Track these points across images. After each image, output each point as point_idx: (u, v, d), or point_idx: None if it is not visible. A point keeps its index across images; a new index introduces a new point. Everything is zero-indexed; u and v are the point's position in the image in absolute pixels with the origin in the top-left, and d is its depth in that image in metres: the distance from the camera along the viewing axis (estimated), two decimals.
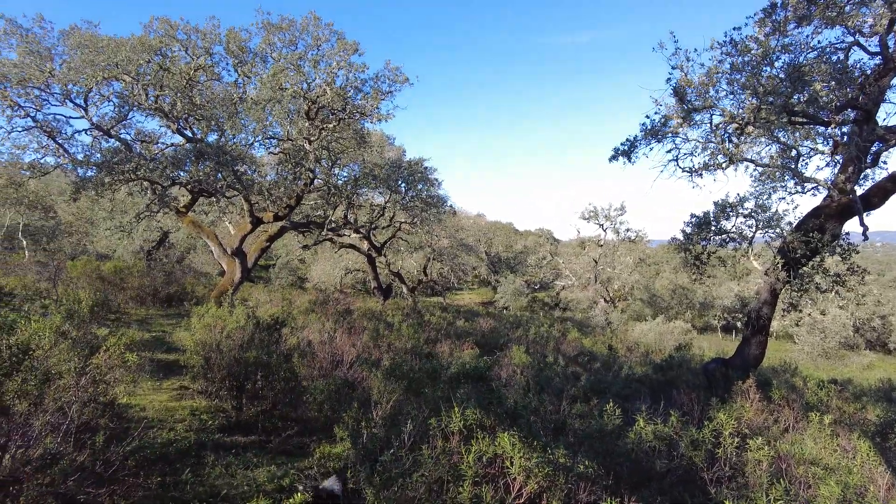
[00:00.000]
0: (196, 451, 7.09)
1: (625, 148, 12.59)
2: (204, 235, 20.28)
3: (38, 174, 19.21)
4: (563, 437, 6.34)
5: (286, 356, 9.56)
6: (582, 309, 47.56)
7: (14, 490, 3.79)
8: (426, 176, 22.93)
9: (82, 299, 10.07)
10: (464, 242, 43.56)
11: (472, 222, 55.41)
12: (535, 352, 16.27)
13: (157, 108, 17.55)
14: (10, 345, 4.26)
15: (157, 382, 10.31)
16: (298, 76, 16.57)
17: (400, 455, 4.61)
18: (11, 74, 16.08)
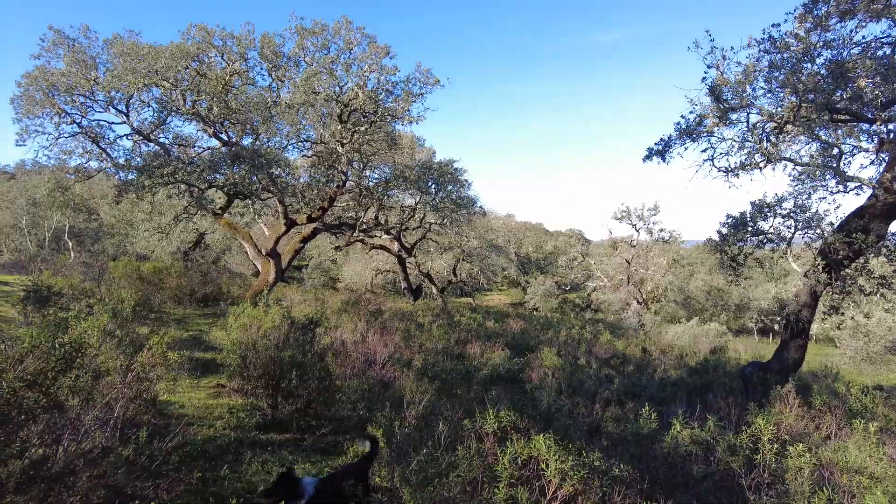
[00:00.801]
0: (235, 448, 7.27)
1: (659, 148, 12.40)
2: (239, 237, 20.74)
3: (83, 178, 19.99)
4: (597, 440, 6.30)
5: (320, 355, 9.70)
6: (614, 311, 46.90)
7: (69, 481, 3.98)
8: (456, 177, 23.00)
9: (125, 299, 10.42)
10: (493, 243, 43.50)
11: (501, 223, 55.12)
12: (567, 354, 16.14)
13: (194, 112, 18.03)
14: (64, 342, 4.46)
15: (195, 380, 10.55)
16: (331, 80, 16.83)
17: (436, 455, 4.65)
18: (59, 83, 16.75)
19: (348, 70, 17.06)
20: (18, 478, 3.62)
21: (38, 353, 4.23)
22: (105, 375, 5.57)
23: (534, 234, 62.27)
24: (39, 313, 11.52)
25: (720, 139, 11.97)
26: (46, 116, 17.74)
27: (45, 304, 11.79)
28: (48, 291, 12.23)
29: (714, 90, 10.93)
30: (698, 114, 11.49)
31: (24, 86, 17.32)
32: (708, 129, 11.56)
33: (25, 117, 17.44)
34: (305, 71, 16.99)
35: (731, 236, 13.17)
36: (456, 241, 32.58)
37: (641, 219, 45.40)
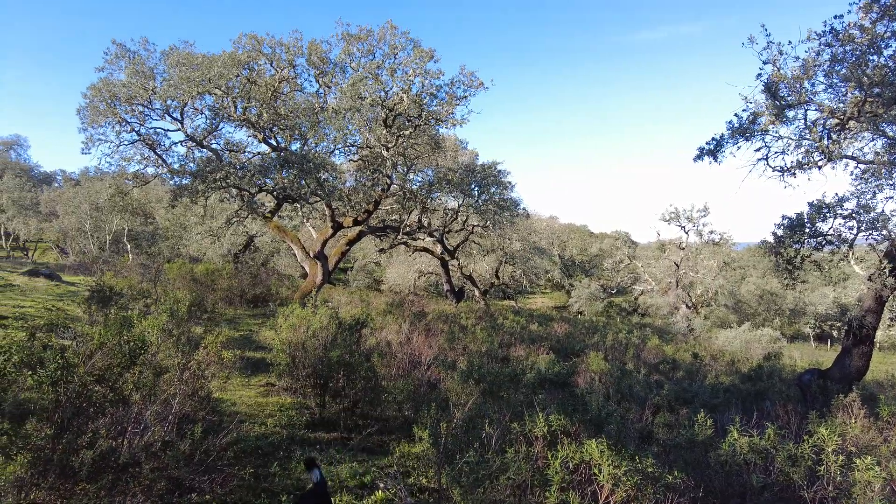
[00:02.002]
0: (287, 445, 7.44)
1: (710, 147, 12.03)
2: (288, 239, 21.25)
3: (141, 183, 20.88)
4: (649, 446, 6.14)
5: (366, 356, 9.82)
6: (662, 315, 45.71)
7: (134, 472, 4.17)
8: (499, 179, 22.93)
9: (181, 300, 10.84)
10: (536, 245, 43.04)
11: (545, 225, 54.43)
12: (614, 359, 15.85)
13: (244, 118, 18.60)
14: (129, 340, 4.69)
15: (246, 379, 10.84)
16: (376, 85, 17.05)
17: (486, 457, 4.64)
18: (121, 93, 17.57)
19: (393, 75, 17.26)
20: (90, 467, 3.83)
21: (106, 350, 4.45)
22: (164, 372, 5.80)
23: (578, 237, 61.27)
24: (102, 312, 12.11)
25: (775, 137, 11.52)
26: (109, 125, 18.62)
27: (107, 304, 12.38)
28: (110, 292, 12.84)
29: (770, 87, 10.53)
30: (752, 112, 11.09)
31: (88, 97, 18.24)
32: (763, 128, 11.15)
33: (90, 127, 18.37)
34: (351, 76, 17.29)
35: (787, 238, 12.65)
36: (499, 243, 32.49)
37: (690, 220, 44.16)
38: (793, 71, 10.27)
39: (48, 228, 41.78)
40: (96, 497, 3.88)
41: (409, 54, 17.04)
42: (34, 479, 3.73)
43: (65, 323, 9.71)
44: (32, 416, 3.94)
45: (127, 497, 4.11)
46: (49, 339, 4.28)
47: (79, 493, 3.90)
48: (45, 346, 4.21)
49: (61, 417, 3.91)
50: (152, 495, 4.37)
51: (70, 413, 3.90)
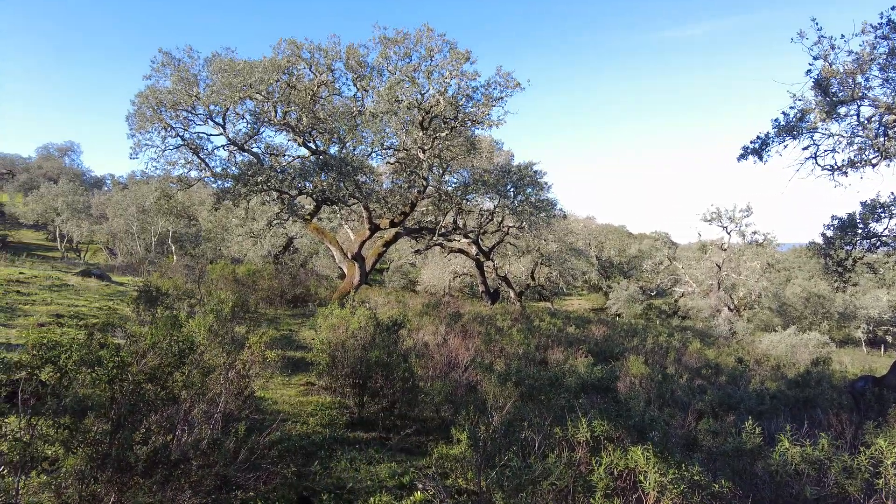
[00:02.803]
0: (329, 444, 7.57)
1: (755, 146, 11.69)
2: (326, 241, 21.60)
3: (185, 186, 21.56)
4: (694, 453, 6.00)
5: (404, 356, 9.90)
6: (703, 318, 44.62)
7: (185, 468, 4.32)
8: (535, 180, 22.79)
9: (225, 300, 11.15)
10: (573, 246, 42.58)
11: (581, 225, 53.68)
12: (654, 362, 15.56)
13: (284, 123, 18.99)
14: (179, 339, 4.86)
15: (287, 378, 11.05)
16: (413, 87, 17.18)
17: (529, 461, 4.63)
18: (166, 100, 18.20)
19: (429, 77, 17.36)
20: (144, 462, 3.99)
21: (157, 350, 4.63)
22: (211, 372, 5.98)
23: (616, 237, 60.23)
24: (149, 312, 12.54)
25: (825, 135, 11.10)
26: (155, 131, 19.30)
27: (154, 304, 12.82)
28: (156, 292, 13.30)
29: (820, 83, 10.16)
30: (800, 109, 10.72)
31: (136, 104, 18.95)
32: (811, 125, 10.77)
33: (138, 132, 19.08)
34: (388, 80, 17.46)
35: (837, 239, 12.20)
36: (534, 244, 32.26)
37: (732, 220, 42.98)
38: (845, 66, 9.88)
39: (98, 230, 43.52)
40: (150, 492, 4.03)
41: (445, 56, 17.12)
42: (93, 471, 3.91)
43: (119, 323, 10.11)
44: (91, 412, 4.13)
45: (178, 492, 4.26)
46: (105, 338, 4.47)
47: (134, 487, 4.07)
48: (102, 345, 4.40)
49: (117, 414, 4.09)
50: (200, 491, 4.53)
51: (125, 410, 4.08)
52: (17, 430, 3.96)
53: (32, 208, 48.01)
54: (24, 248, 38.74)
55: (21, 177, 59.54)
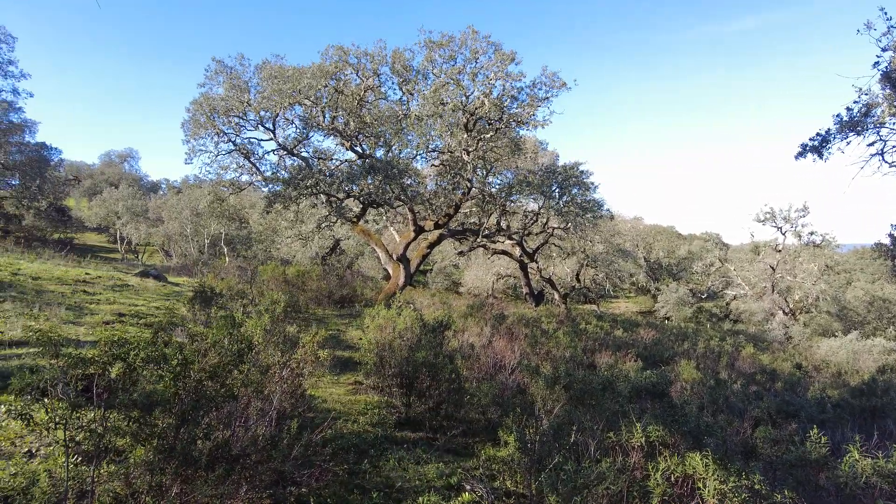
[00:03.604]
0: (381, 443, 7.70)
1: (815, 143, 11.20)
2: (372, 243, 21.92)
3: (236, 190, 22.26)
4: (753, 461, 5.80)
5: (450, 357, 9.95)
6: (756, 321, 43.00)
7: (245, 463, 4.49)
8: (581, 180, 22.49)
9: (277, 300, 11.48)
10: (620, 248, 41.72)
11: (629, 226, 52.50)
12: (706, 367, 15.13)
13: (332, 127, 19.39)
14: (238, 338, 5.05)
15: (335, 377, 11.26)
16: (458, 90, 17.27)
17: (583, 465, 4.60)
18: (219, 107, 18.85)
19: (474, 79, 17.42)
20: (207, 456, 4.16)
21: (217, 349, 4.83)
22: (267, 370, 6.18)
23: (665, 238, 58.60)
24: (204, 312, 13.01)
25: (894, 130, 10.54)
26: (208, 137, 20.03)
27: (208, 304, 13.29)
28: (211, 292, 13.78)
29: (890, 75, 9.66)
30: (865, 103, 10.22)
31: (191, 111, 19.71)
32: (878, 120, 10.24)
33: (192, 138, 19.84)
34: (433, 83, 17.60)
35: None
36: (580, 245, 31.80)
37: (788, 221, 41.28)
38: None
39: (155, 233, 45.37)
40: (212, 485, 4.21)
41: (490, 58, 17.14)
42: (160, 463, 4.10)
43: (181, 322, 10.54)
44: (157, 407, 4.34)
45: (237, 487, 4.43)
46: (170, 337, 4.69)
47: (197, 480, 4.25)
48: (167, 343, 4.62)
49: (181, 410, 4.28)
50: (258, 486, 4.69)
51: (189, 406, 4.26)
52: (92, 422, 4.20)
53: (96, 212, 50.49)
54: (88, 249, 40.78)
55: (86, 182, 62.67)
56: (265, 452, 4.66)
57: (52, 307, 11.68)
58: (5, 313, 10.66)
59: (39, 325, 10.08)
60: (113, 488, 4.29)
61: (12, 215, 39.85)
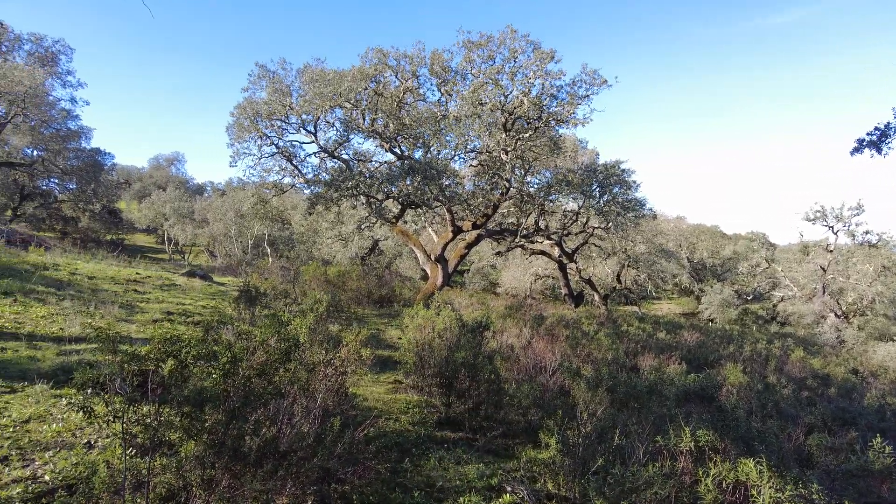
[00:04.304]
0: (422, 443, 7.75)
1: (872, 138, 10.71)
2: (411, 243, 22.07)
3: (279, 192, 22.75)
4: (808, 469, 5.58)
5: (489, 358, 9.94)
6: (805, 324, 41.37)
7: (292, 459, 4.59)
8: (623, 178, 22.13)
9: (320, 300, 11.69)
10: (663, 248, 40.76)
11: (672, 226, 51.24)
12: (753, 371, 14.65)
13: (372, 129, 19.61)
14: (285, 337, 5.17)
15: (375, 375, 11.37)
16: (497, 90, 17.23)
17: (631, 469, 4.52)
18: (262, 111, 19.31)
19: (513, 78, 17.36)
20: (256, 452, 4.28)
21: (265, 347, 4.95)
22: (313, 369, 6.30)
23: (709, 238, 56.92)
24: (249, 311, 13.34)
25: None
26: (252, 140, 20.55)
27: (253, 303, 13.62)
28: (256, 292, 14.11)
29: None
30: None
31: (235, 115, 20.25)
32: None
33: (237, 142, 20.38)
34: (472, 83, 17.62)
35: None
36: (621, 245, 31.27)
37: (840, 219, 39.57)
38: None
39: (200, 234, 46.73)
40: (262, 481, 4.31)
41: (529, 57, 17.05)
42: (211, 457, 4.23)
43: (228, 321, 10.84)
44: (208, 403, 4.48)
45: (284, 482, 4.53)
46: (220, 335, 4.84)
47: (246, 474, 4.36)
48: (216, 340, 4.76)
49: (231, 406, 4.40)
50: (304, 482, 4.78)
51: (239, 403, 4.38)
52: (146, 416, 4.37)
53: (145, 214, 52.38)
54: (137, 250, 42.39)
55: (136, 185, 65.07)
56: (311, 449, 4.75)
57: (107, 305, 12.17)
58: (65, 311, 11.16)
59: (97, 323, 10.55)
60: (167, 480, 4.45)
61: (70, 217, 41.79)
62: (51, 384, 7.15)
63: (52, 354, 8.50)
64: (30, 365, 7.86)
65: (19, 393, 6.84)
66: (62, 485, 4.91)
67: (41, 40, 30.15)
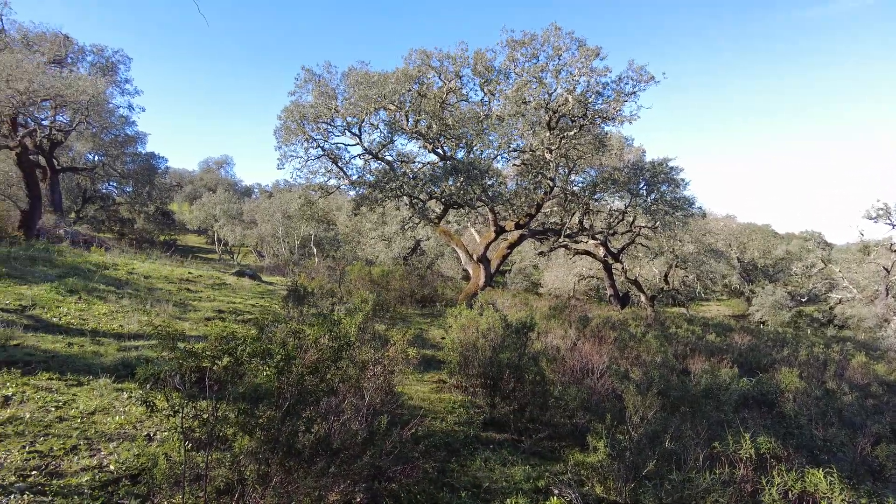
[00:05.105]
0: (469, 443, 7.76)
1: None
2: (453, 244, 22.12)
3: (325, 194, 23.14)
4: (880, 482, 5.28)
5: (534, 359, 9.85)
6: (866, 328, 39.38)
7: (344, 456, 4.66)
8: (671, 176, 21.59)
9: (367, 300, 11.84)
10: (712, 247, 39.52)
11: (721, 225, 49.59)
12: (810, 376, 14.03)
13: (415, 131, 19.74)
14: (337, 335, 5.26)
15: (420, 375, 11.43)
16: (540, 88, 17.07)
17: (689, 475, 4.40)
18: (308, 114, 19.70)
19: (557, 76, 17.16)
20: (310, 449, 4.36)
21: (317, 345, 5.05)
22: (364, 367, 6.39)
23: (760, 237, 54.84)
24: (297, 309, 13.62)
25: None
26: (298, 143, 20.98)
27: (301, 302, 13.90)
28: (303, 291, 14.40)
29: None
30: None
31: (282, 118, 20.71)
32: None
33: (284, 145, 20.85)
34: (515, 82, 17.51)
35: None
36: (668, 245, 30.50)
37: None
38: None
39: (249, 234, 48.06)
40: (315, 478, 4.39)
41: (573, 54, 16.83)
42: (266, 453, 4.34)
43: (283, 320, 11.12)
44: (263, 400, 4.60)
45: (337, 480, 4.60)
46: (275, 333, 4.96)
47: (299, 471, 4.45)
48: (270, 339, 4.88)
49: (285, 403, 4.50)
50: (357, 480, 4.85)
51: (293, 400, 4.48)
52: (203, 412, 4.52)
53: (196, 215, 54.26)
54: (189, 250, 43.89)
55: (187, 188, 67.49)
56: (362, 447, 4.81)
57: (162, 304, 12.64)
58: (124, 308, 11.65)
59: (155, 321, 10.98)
60: (224, 474, 4.58)
61: (126, 219, 43.73)
62: (113, 378, 7.47)
63: (114, 350, 8.89)
64: (94, 360, 8.24)
65: (85, 386, 7.18)
66: (126, 474, 5.13)
67: (102, 51, 31.69)
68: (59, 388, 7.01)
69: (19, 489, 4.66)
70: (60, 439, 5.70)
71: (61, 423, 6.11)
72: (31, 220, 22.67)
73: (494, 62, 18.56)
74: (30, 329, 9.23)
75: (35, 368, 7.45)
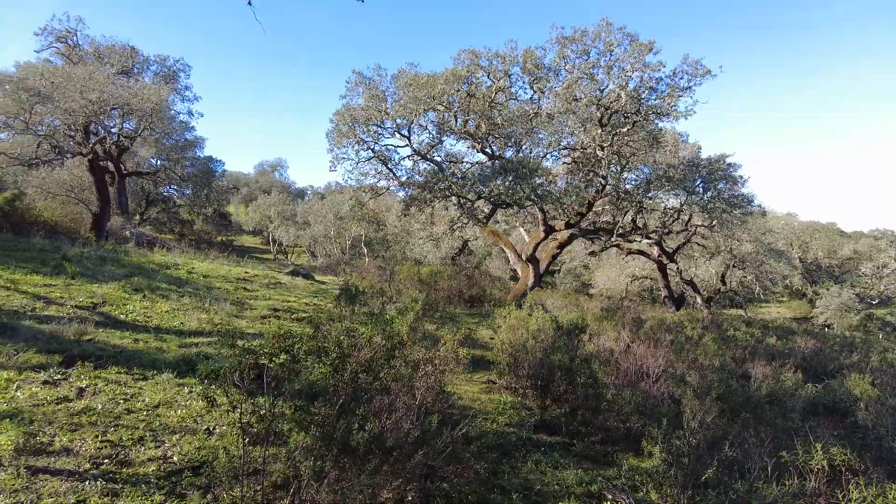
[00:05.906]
0: (522, 445, 7.70)
1: None
2: (501, 243, 21.99)
3: (375, 195, 23.47)
4: None
5: (587, 361, 9.66)
6: None
7: (397, 455, 4.70)
8: (728, 174, 20.78)
9: (417, 299, 11.93)
10: (772, 247, 37.79)
11: (782, 223, 47.34)
12: (884, 384, 13.18)
13: (464, 131, 19.75)
14: (390, 335, 5.32)
15: (469, 375, 11.40)
16: (592, 84, 16.76)
17: (755, 486, 4.21)
18: (359, 116, 20.01)
19: (609, 72, 16.81)
20: (364, 447, 4.41)
21: (371, 344, 5.11)
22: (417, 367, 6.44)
23: (824, 236, 52.11)
24: (349, 308, 13.85)
25: None
26: (350, 145, 21.36)
27: (353, 301, 14.14)
28: (355, 290, 14.64)
29: None
30: None
31: (334, 121, 21.13)
32: None
33: (336, 147, 21.26)
34: (566, 79, 17.25)
35: None
36: (726, 244, 29.37)
37: None
38: None
39: (302, 235, 49.25)
40: (369, 475, 4.44)
41: (625, 49, 16.44)
42: (321, 450, 4.42)
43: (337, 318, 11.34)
44: (318, 397, 4.69)
45: (391, 478, 4.65)
46: (331, 331, 5.06)
47: (353, 468, 4.52)
48: (326, 337, 4.97)
49: (340, 400, 4.58)
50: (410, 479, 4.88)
51: (348, 397, 4.55)
52: (261, 408, 4.64)
53: (251, 216, 56.10)
54: (245, 250, 45.36)
55: (243, 190, 69.81)
56: (415, 446, 4.83)
57: (220, 302, 13.10)
58: (184, 306, 12.14)
59: (213, 319, 11.38)
60: (280, 469, 4.70)
61: (186, 220, 45.65)
62: (175, 373, 7.79)
63: (175, 346, 9.28)
64: (157, 355, 8.62)
65: (150, 381, 7.52)
66: (188, 466, 5.33)
67: (164, 60, 33.24)
68: (126, 381, 7.37)
69: (93, 476, 4.91)
70: (129, 430, 5.99)
71: (129, 414, 6.42)
72: (101, 222, 23.96)
73: (544, 60, 18.36)
74: (100, 325, 9.76)
75: (106, 363, 7.87)
